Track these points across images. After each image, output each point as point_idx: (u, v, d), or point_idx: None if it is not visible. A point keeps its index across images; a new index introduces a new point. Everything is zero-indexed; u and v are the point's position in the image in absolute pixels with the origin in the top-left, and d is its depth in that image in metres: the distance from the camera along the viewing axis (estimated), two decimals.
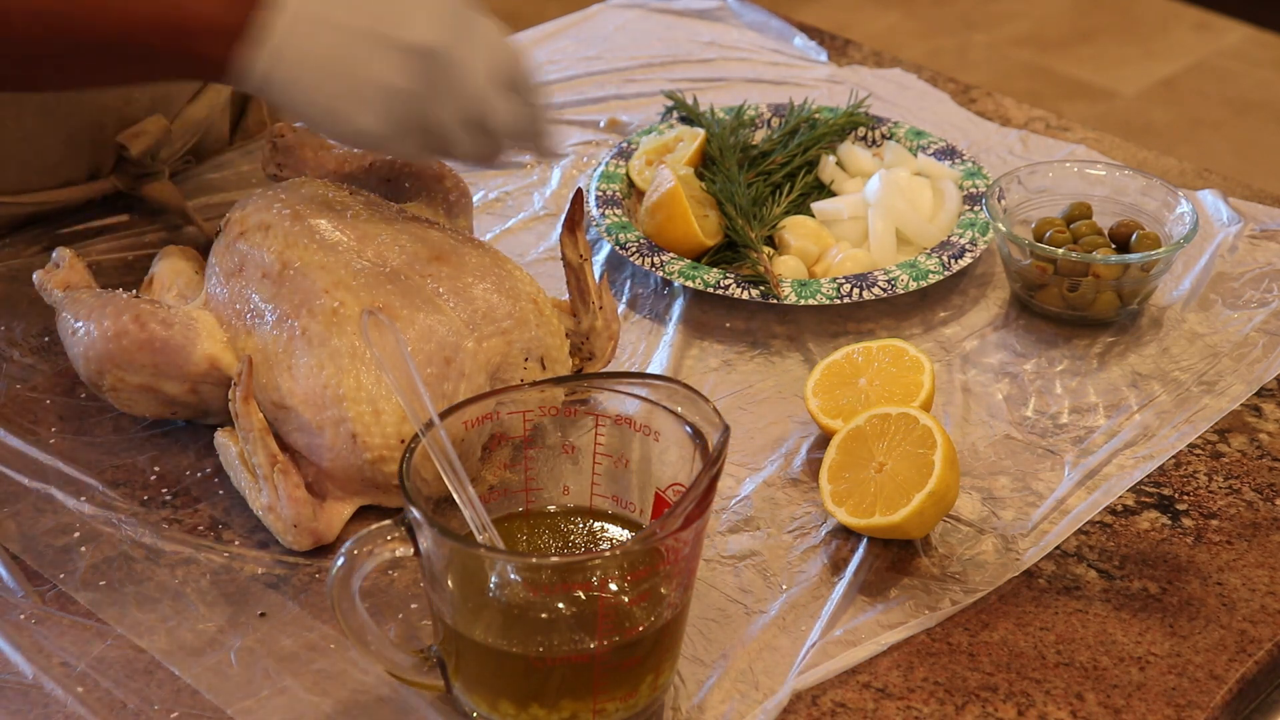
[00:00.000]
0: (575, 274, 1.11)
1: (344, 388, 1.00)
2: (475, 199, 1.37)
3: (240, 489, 1.03)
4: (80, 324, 1.06)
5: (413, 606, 0.98)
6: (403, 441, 1.00)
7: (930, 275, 1.23)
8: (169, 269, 1.15)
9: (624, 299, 1.26)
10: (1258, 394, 1.16)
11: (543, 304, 1.07)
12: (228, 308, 1.06)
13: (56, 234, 1.31)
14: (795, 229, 1.28)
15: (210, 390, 1.06)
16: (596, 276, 1.18)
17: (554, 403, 0.95)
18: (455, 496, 0.87)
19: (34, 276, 1.15)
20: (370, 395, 1.00)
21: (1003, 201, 1.26)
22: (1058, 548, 1.02)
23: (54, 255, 1.16)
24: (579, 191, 1.09)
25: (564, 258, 1.10)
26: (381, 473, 1.01)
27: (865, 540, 1.02)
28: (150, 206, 1.33)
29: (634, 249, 1.25)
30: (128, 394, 1.06)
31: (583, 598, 0.85)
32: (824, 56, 1.61)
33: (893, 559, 1.01)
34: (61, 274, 1.14)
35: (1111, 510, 1.06)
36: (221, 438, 1.05)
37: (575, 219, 1.10)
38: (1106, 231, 1.25)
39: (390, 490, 1.02)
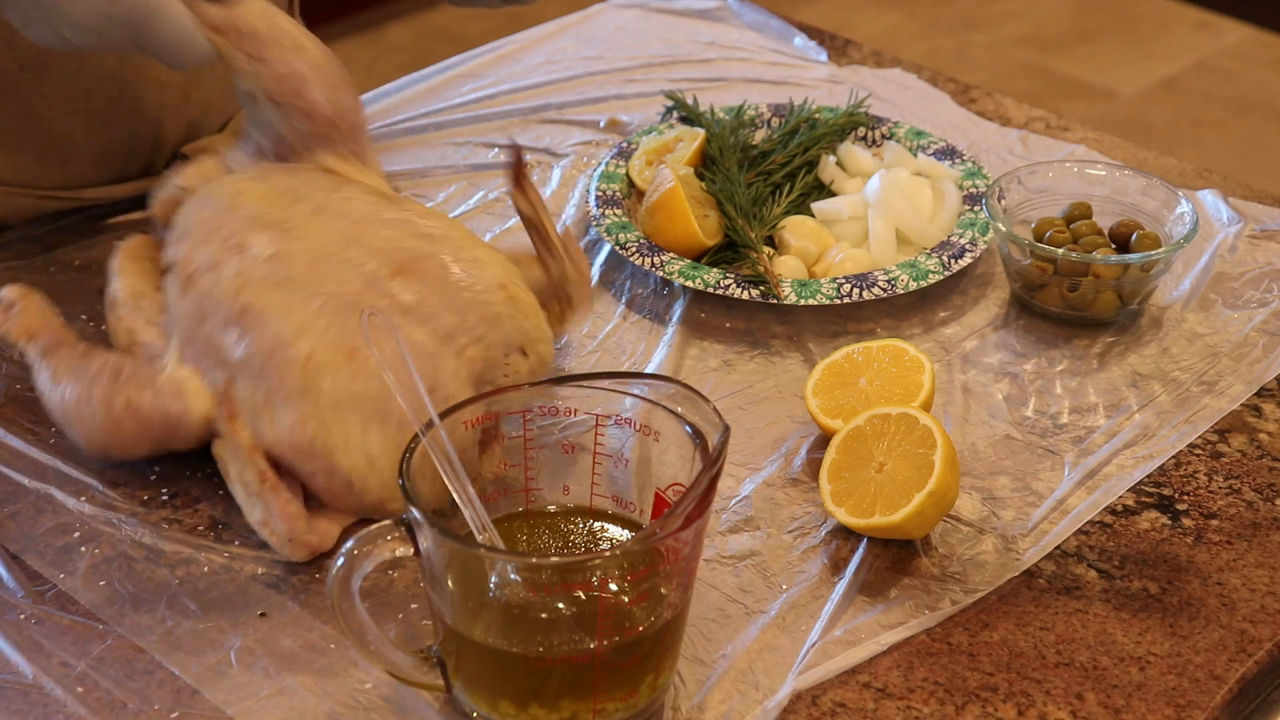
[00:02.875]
0: (534, 226, 1.09)
1: (332, 441, 0.99)
2: (474, 199, 1.38)
3: (238, 501, 1.03)
4: (73, 412, 1.04)
5: (413, 606, 0.98)
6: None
7: (930, 275, 1.23)
8: (128, 292, 1.11)
9: (624, 299, 1.26)
10: (1258, 394, 1.16)
11: (511, 286, 1.04)
12: (203, 359, 1.03)
13: (60, 233, 1.31)
14: (795, 229, 1.28)
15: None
16: (559, 230, 1.14)
17: (553, 402, 0.95)
18: (455, 496, 0.87)
19: None
20: (361, 446, 0.98)
21: (1003, 201, 1.26)
22: (1058, 548, 1.02)
23: (1, 294, 1.09)
24: (516, 147, 1.08)
25: (519, 212, 1.09)
26: (384, 511, 1.00)
27: (865, 540, 1.02)
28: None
29: (634, 249, 1.25)
30: (138, 456, 1.06)
31: (583, 598, 0.85)
32: (824, 56, 1.61)
33: (893, 559, 1.01)
34: (18, 320, 1.08)
35: (1111, 510, 1.06)
36: (219, 450, 1.04)
37: (519, 172, 1.08)
38: (1106, 231, 1.25)
39: (391, 514, 1.01)
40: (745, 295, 1.21)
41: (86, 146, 1.28)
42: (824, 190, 1.35)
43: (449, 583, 0.85)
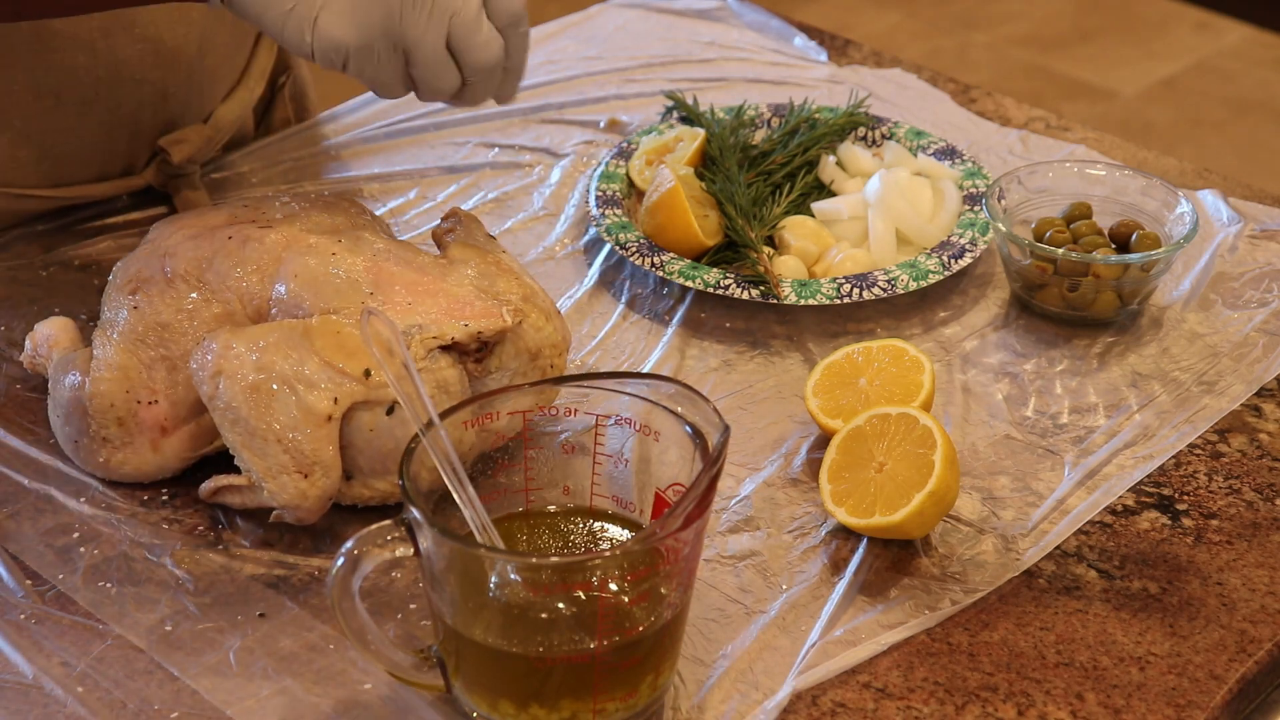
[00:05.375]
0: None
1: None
2: (474, 199, 1.38)
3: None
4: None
5: (412, 606, 0.98)
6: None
7: (930, 275, 1.23)
8: None
9: (624, 299, 1.26)
10: (1258, 394, 1.16)
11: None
12: None
13: (60, 233, 1.31)
14: (795, 229, 1.28)
15: None
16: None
17: (553, 402, 0.95)
18: (455, 496, 0.87)
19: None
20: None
21: (1003, 201, 1.26)
22: (1058, 548, 1.02)
23: None
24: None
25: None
26: None
27: (865, 540, 1.02)
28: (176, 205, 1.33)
29: (634, 249, 1.25)
30: None
31: (583, 598, 0.85)
32: (824, 56, 1.61)
33: (893, 559, 1.01)
34: None
35: (1111, 510, 1.06)
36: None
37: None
38: (1106, 231, 1.25)
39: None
40: (745, 295, 1.21)
41: (61, 145, 1.27)
42: (824, 190, 1.35)
43: (449, 583, 0.85)
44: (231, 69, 1.37)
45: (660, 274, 1.23)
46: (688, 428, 0.89)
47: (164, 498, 1.06)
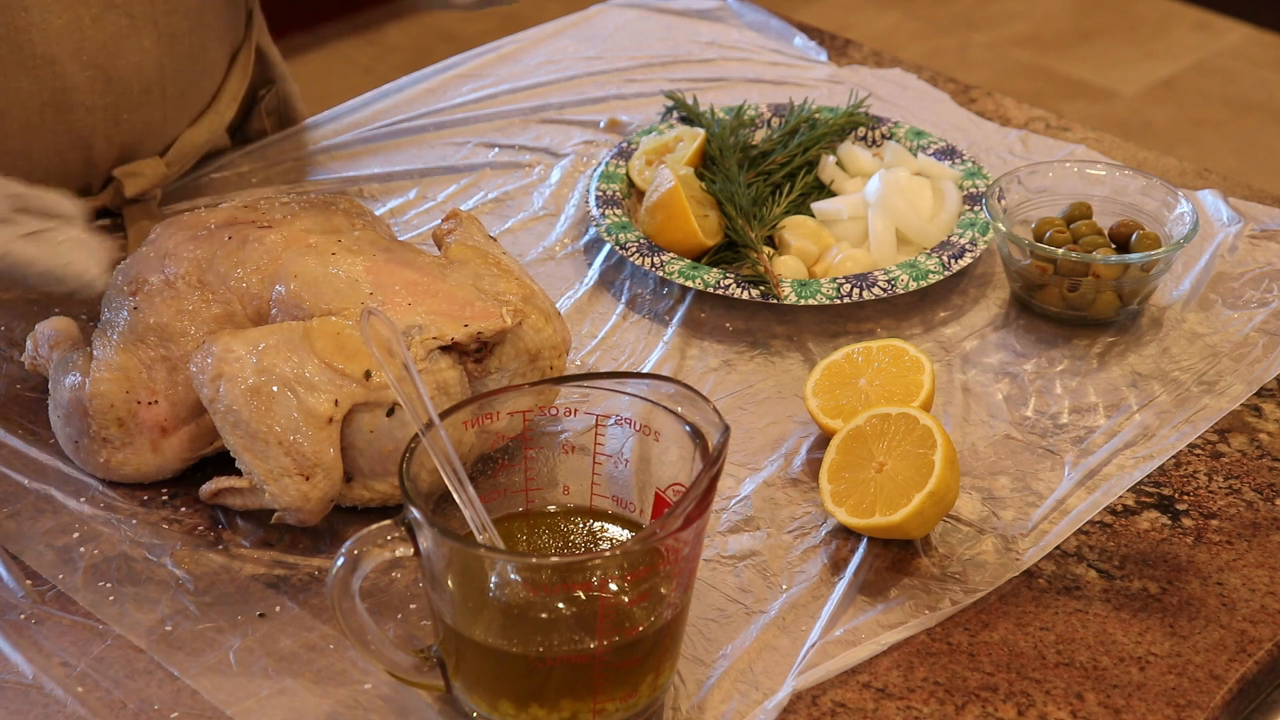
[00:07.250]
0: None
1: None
2: (474, 199, 1.38)
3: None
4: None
5: (412, 606, 0.98)
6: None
7: (930, 275, 1.23)
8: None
9: (624, 299, 1.26)
10: (1258, 394, 1.16)
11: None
12: None
13: None
14: (795, 229, 1.28)
15: None
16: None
17: (553, 402, 0.95)
18: (455, 496, 0.87)
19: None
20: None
21: (1003, 201, 1.26)
22: (1058, 548, 1.02)
23: None
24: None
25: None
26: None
27: (865, 540, 1.02)
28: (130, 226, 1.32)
29: (634, 249, 1.25)
30: None
31: (583, 598, 0.85)
32: (824, 56, 1.61)
33: (893, 559, 1.01)
34: None
35: (1111, 510, 1.06)
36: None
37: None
38: (1106, 231, 1.25)
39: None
40: (745, 295, 1.21)
41: (10, 167, 1.24)
42: (824, 190, 1.35)
43: (449, 583, 0.85)
44: (198, 94, 1.35)
45: (660, 274, 1.23)
46: (688, 428, 0.89)
47: (164, 498, 1.06)
